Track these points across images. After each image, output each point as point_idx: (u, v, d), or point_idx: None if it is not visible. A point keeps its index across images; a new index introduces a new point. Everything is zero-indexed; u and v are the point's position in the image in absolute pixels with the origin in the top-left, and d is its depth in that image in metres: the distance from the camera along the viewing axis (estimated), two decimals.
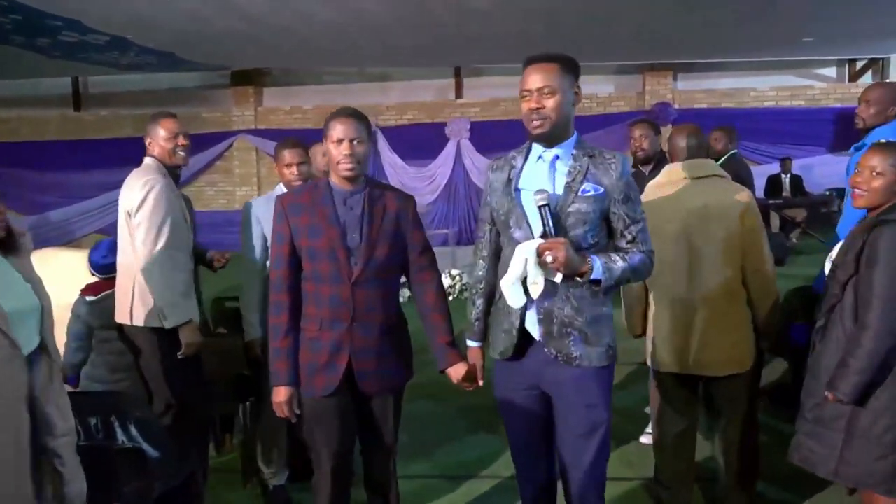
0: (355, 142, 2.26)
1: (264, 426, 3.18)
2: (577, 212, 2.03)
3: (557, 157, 2.09)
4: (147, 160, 3.06)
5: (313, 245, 2.29)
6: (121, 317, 3.01)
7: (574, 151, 2.10)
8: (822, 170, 10.98)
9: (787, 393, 3.96)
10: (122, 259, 3.06)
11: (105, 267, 3.24)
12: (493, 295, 2.27)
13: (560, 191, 2.05)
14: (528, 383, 2.19)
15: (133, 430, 2.26)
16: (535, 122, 2.03)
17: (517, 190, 2.11)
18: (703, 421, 3.19)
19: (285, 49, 9.51)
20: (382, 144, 11.95)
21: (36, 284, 2.05)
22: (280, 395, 2.31)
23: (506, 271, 2.05)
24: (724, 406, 2.80)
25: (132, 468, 2.27)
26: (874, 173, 2.21)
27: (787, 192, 10.41)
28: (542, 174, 2.08)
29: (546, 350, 2.09)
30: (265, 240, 3.08)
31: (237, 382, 3.39)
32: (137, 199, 2.91)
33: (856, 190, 2.28)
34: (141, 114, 12.66)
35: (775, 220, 10.05)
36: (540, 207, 1.98)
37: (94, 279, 3.33)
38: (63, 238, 11.91)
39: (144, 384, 3.01)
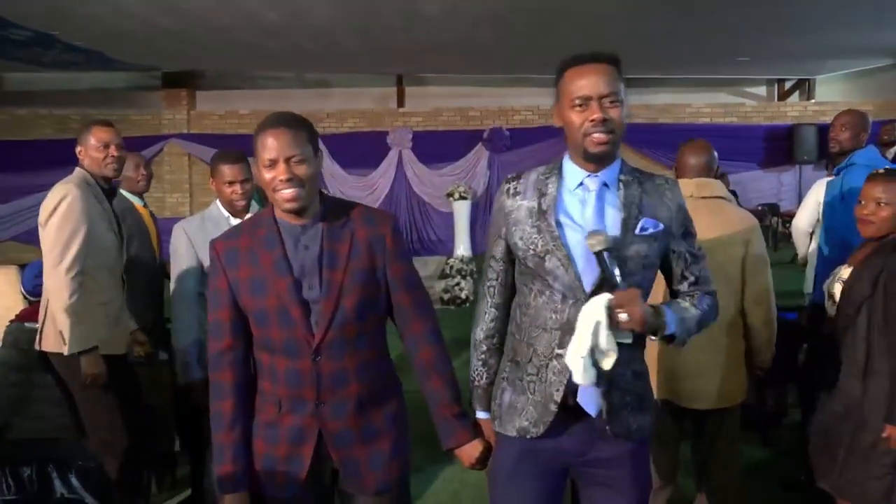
0: (294, 161, 1.68)
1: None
2: (636, 255, 1.66)
3: (605, 184, 1.70)
4: (76, 170, 2.83)
5: (260, 305, 1.75)
6: (37, 341, 2.77)
7: (622, 177, 1.72)
8: (753, 185, 11.39)
9: (751, 414, 3.97)
10: (44, 278, 2.79)
11: (40, 289, 2.94)
12: (502, 351, 1.86)
13: (614, 229, 1.66)
14: (553, 466, 1.78)
15: (74, 481, 1.98)
16: (599, 136, 1.63)
17: (559, 224, 1.68)
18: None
19: (222, 51, 9.18)
20: (322, 153, 11.68)
21: None
22: None
23: (528, 323, 1.71)
24: (709, 439, 2.74)
25: None
26: (881, 204, 2.26)
27: None
28: (586, 206, 1.69)
29: (607, 428, 1.70)
30: (201, 266, 2.72)
31: (177, 414, 3.13)
32: (48, 210, 2.68)
33: (863, 221, 2.31)
34: (62, 114, 12.01)
35: None
36: (598, 254, 1.60)
37: (27, 302, 3.03)
38: None
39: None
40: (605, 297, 1.57)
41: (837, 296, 2.40)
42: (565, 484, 1.85)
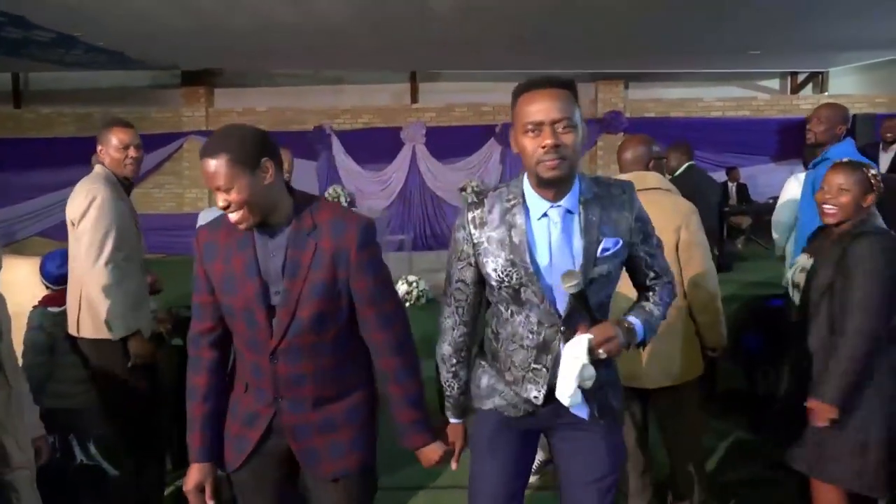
0: (225, 191, 1.69)
1: None
2: (600, 277, 1.73)
3: (568, 210, 1.73)
4: (97, 168, 2.98)
5: (227, 301, 1.80)
6: (71, 328, 2.94)
7: (582, 198, 1.74)
8: (765, 178, 11.36)
9: (740, 399, 4.10)
10: (70, 269, 2.99)
11: (61, 277, 3.14)
12: (469, 362, 1.95)
13: (580, 255, 1.72)
14: (529, 432, 1.92)
15: (92, 449, 2.18)
16: (551, 163, 1.64)
17: (531, 257, 1.73)
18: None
19: (239, 49, 9.35)
20: (337, 148, 11.88)
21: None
22: (189, 478, 1.84)
23: (505, 335, 1.81)
24: (667, 417, 2.84)
25: (91, 487, 2.20)
26: (841, 190, 2.35)
27: (733, 201, 10.73)
28: (553, 236, 1.72)
29: (598, 424, 1.84)
30: None
31: None
32: (80, 210, 2.85)
33: (825, 206, 2.40)
34: (85, 112, 12.30)
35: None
36: (573, 296, 1.66)
37: (48, 289, 3.22)
38: (2, 241, 11.45)
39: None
40: (585, 340, 1.66)
41: (802, 284, 2.49)
42: (538, 440, 1.99)
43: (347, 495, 1.88)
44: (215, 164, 1.68)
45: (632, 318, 1.78)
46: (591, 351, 1.66)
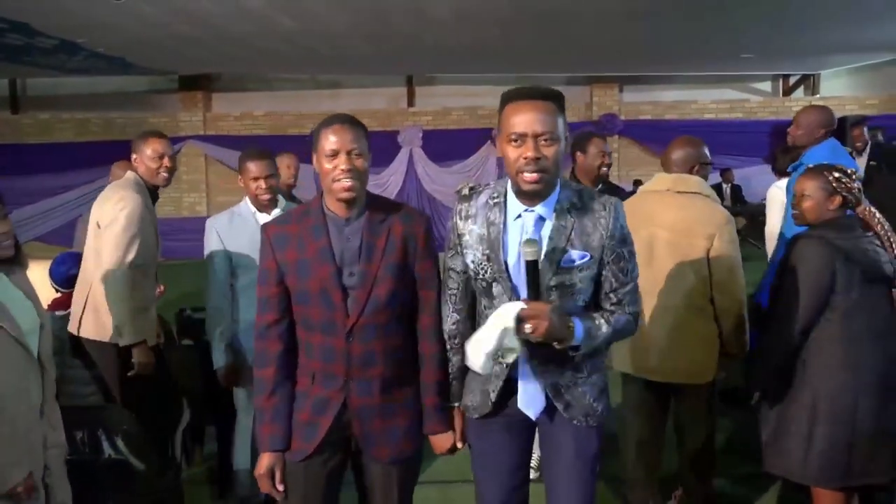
0: (354, 154, 1.83)
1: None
2: (561, 285, 1.76)
3: (542, 217, 1.78)
4: (129, 175, 3.06)
5: (303, 287, 1.89)
6: (73, 327, 3.00)
7: (557, 207, 1.78)
8: (759, 180, 11.46)
9: (738, 395, 4.19)
10: (82, 269, 3.06)
11: (70, 280, 3.20)
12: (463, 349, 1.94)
13: (542, 260, 1.75)
14: (517, 422, 1.93)
15: (120, 444, 2.26)
16: (531, 176, 1.69)
17: (505, 254, 1.79)
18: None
19: (238, 54, 9.46)
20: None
21: (35, 301, 2.04)
22: (261, 464, 1.93)
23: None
24: (684, 414, 2.90)
25: (118, 481, 2.28)
26: (804, 196, 2.47)
27: (727, 202, 10.86)
28: (524, 237, 1.76)
29: (575, 423, 1.86)
30: (231, 259, 2.95)
31: (206, 394, 3.39)
32: (110, 215, 2.91)
33: (792, 212, 2.55)
34: (83, 118, 12.36)
35: None
36: (528, 263, 1.70)
37: (56, 293, 3.29)
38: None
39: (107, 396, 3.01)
40: (517, 306, 1.67)
41: None
42: (534, 433, 2.00)
43: (398, 479, 1.98)
44: (354, 130, 1.84)
45: (576, 320, 1.74)
46: (519, 321, 1.66)
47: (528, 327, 1.66)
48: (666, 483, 3.13)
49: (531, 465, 2.10)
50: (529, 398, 1.86)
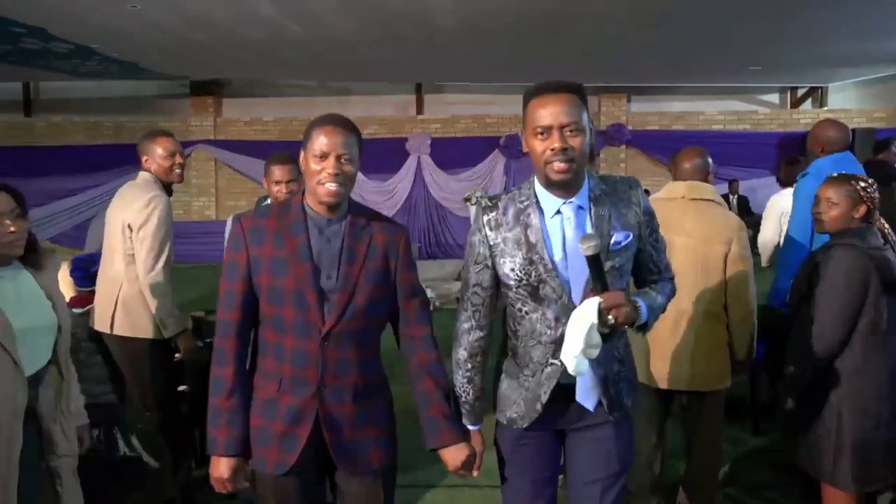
0: (343, 159, 1.79)
1: None
2: (612, 269, 1.77)
3: (580, 206, 1.80)
4: (144, 174, 3.11)
5: (276, 284, 1.81)
6: (101, 325, 3.05)
7: (592, 195, 1.82)
8: (766, 192, 11.46)
9: (744, 405, 4.22)
10: (108, 269, 3.10)
11: (91, 278, 3.26)
12: (484, 368, 1.96)
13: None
14: (549, 435, 1.93)
15: (135, 441, 2.31)
16: (560, 166, 1.71)
17: (550, 254, 1.78)
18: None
19: (249, 60, 9.55)
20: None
21: (57, 302, 2.09)
22: (217, 467, 1.82)
23: (523, 332, 1.82)
24: (701, 421, 2.90)
25: (133, 478, 2.33)
26: (830, 203, 2.49)
27: (733, 213, 10.88)
28: (567, 232, 1.78)
29: (610, 417, 1.87)
30: None
31: None
32: (142, 216, 2.99)
33: (816, 219, 2.56)
34: (94, 121, 12.48)
35: None
36: (589, 258, 1.69)
37: (77, 291, 3.34)
38: None
39: (124, 394, 3.06)
40: (596, 301, 1.68)
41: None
42: (559, 446, 2.02)
43: (377, 492, 1.91)
44: (346, 134, 1.80)
45: (637, 299, 1.80)
46: (601, 314, 1.68)
47: (611, 318, 1.68)
48: (668, 490, 3.16)
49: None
50: (587, 392, 1.84)
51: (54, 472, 2.06)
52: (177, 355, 3.05)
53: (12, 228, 1.96)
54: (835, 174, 2.65)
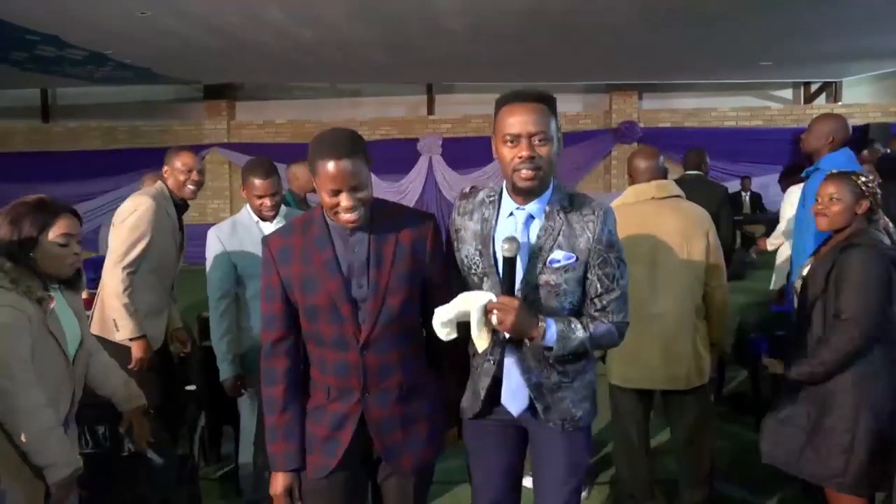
0: (356, 188, 1.73)
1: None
2: (546, 285, 1.81)
3: (531, 216, 1.84)
4: (158, 184, 3.22)
5: (310, 302, 1.82)
6: (91, 325, 3.10)
7: (547, 208, 1.84)
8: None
9: (747, 401, 4.23)
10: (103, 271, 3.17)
11: (94, 282, 3.34)
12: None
13: (527, 259, 1.81)
14: (508, 424, 1.98)
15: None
16: (527, 173, 1.75)
17: (494, 250, 1.85)
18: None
19: (261, 64, 9.64)
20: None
21: (82, 320, 2.17)
22: (276, 484, 1.88)
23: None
24: (682, 415, 2.93)
25: (138, 475, 2.39)
26: (833, 199, 2.48)
27: (746, 210, 10.82)
28: (515, 234, 1.82)
29: (551, 425, 1.90)
30: (235, 268, 2.94)
31: (223, 395, 3.50)
32: (123, 215, 3.06)
33: (818, 216, 2.54)
34: (110, 126, 12.65)
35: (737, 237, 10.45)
36: (505, 259, 1.75)
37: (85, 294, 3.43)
38: None
39: None
40: (487, 296, 1.73)
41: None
42: (527, 437, 2.03)
43: (420, 487, 1.95)
44: (353, 165, 1.71)
45: (550, 321, 1.78)
46: (487, 310, 1.71)
47: (494, 319, 1.71)
48: (662, 487, 3.17)
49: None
50: (511, 395, 1.89)
51: None
52: (181, 354, 3.10)
53: (77, 251, 2.07)
54: (834, 171, 2.66)
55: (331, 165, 1.70)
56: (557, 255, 1.81)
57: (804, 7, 7.01)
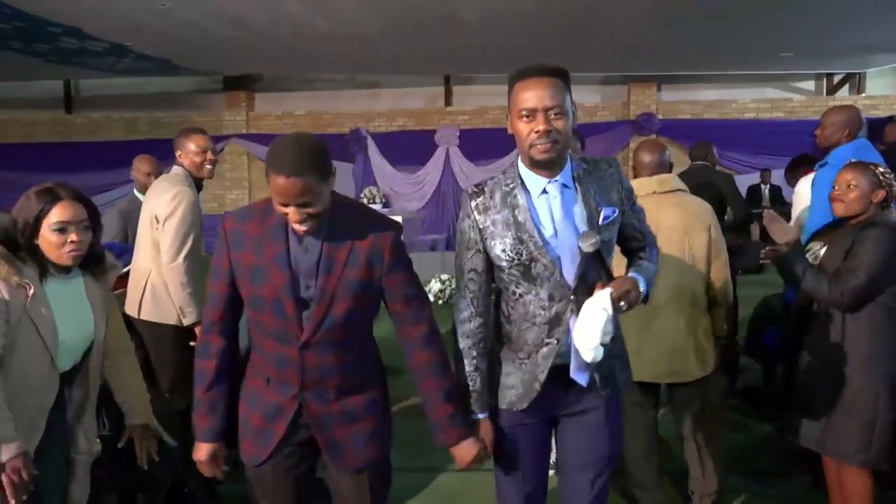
0: (305, 205, 1.70)
1: None
2: (602, 244, 1.79)
3: (565, 185, 1.84)
4: (177, 169, 3.28)
5: (257, 293, 1.81)
6: (130, 309, 3.22)
7: (576, 174, 1.86)
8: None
9: (759, 394, 4.21)
10: (139, 257, 3.27)
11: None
12: (487, 354, 1.96)
13: (582, 225, 1.82)
14: (542, 420, 1.97)
15: (154, 421, 2.41)
16: (544, 146, 1.76)
17: (540, 233, 1.81)
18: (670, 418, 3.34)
19: (279, 56, 9.70)
20: (373, 151, 12.17)
21: (97, 316, 2.17)
22: (199, 451, 1.92)
23: (517, 316, 1.86)
24: (690, 407, 2.91)
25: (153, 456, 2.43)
26: (850, 186, 2.53)
27: (766, 202, 10.71)
28: (555, 210, 1.83)
29: (602, 393, 1.91)
30: None
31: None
32: (167, 210, 3.13)
33: (835, 202, 2.59)
34: (132, 117, 12.80)
35: (755, 230, 10.34)
36: (590, 255, 1.75)
37: None
38: None
39: (152, 377, 3.20)
40: (607, 293, 1.72)
41: None
42: (552, 429, 2.07)
43: (368, 486, 1.93)
44: (303, 183, 1.67)
45: (634, 274, 1.86)
46: (613, 304, 1.73)
47: (623, 306, 1.75)
48: (672, 478, 3.18)
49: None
50: (579, 367, 1.87)
51: (72, 462, 2.20)
52: (191, 343, 3.17)
53: (73, 238, 2.03)
54: (853, 160, 2.67)
55: (280, 181, 1.67)
56: (606, 212, 1.86)
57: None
